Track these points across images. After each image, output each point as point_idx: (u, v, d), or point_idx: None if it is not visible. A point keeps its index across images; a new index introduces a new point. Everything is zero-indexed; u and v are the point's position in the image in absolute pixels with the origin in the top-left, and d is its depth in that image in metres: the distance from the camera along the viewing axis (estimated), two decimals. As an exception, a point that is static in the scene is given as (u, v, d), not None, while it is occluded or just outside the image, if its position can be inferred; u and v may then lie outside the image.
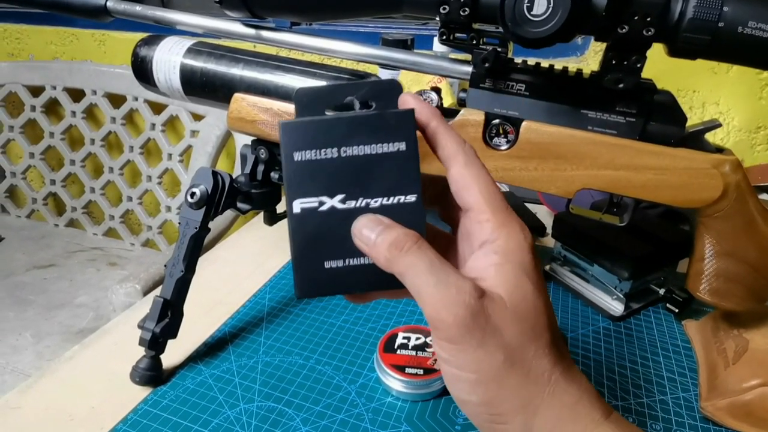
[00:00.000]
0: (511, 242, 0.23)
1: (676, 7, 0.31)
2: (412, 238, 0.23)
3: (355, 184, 0.24)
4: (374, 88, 0.25)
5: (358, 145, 0.24)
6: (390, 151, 0.24)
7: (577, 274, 0.55)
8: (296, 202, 0.24)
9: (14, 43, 1.38)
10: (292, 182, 0.24)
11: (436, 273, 0.22)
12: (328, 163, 0.24)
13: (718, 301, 0.39)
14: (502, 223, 0.23)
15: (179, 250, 0.42)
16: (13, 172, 1.38)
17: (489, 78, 0.37)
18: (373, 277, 0.24)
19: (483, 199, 0.23)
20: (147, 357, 0.41)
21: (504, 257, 0.23)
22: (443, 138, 0.25)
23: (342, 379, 0.43)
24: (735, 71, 0.84)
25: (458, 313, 0.21)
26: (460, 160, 0.24)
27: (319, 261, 0.24)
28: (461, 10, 0.34)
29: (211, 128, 1.17)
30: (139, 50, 0.47)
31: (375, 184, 0.24)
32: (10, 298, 1.06)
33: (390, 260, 0.23)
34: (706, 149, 0.36)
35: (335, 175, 0.24)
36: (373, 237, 0.23)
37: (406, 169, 0.24)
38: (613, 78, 0.34)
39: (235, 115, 0.44)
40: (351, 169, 0.24)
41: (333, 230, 0.24)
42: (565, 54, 0.94)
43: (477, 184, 0.24)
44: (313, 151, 0.24)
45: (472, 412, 0.23)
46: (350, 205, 0.24)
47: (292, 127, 0.24)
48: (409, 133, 0.24)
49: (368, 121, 0.24)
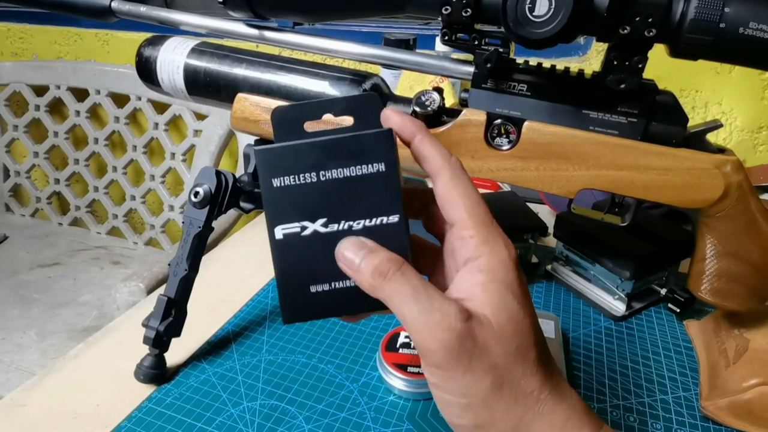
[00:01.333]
0: (494, 259, 0.23)
1: (678, 7, 0.31)
2: (395, 263, 0.23)
3: (336, 207, 0.23)
4: (352, 104, 0.25)
5: (337, 168, 0.23)
6: (370, 173, 0.23)
7: (579, 273, 0.55)
8: (278, 229, 0.24)
9: (18, 43, 1.39)
10: (273, 209, 0.23)
11: (420, 300, 0.22)
12: (307, 188, 0.23)
13: (719, 301, 0.39)
14: (486, 240, 0.23)
15: (183, 249, 0.42)
16: (18, 171, 1.39)
17: (491, 78, 0.38)
18: (360, 299, 0.24)
19: (467, 215, 0.23)
20: (151, 355, 0.42)
21: (488, 275, 0.23)
22: (429, 152, 0.24)
23: (344, 377, 0.43)
24: (737, 71, 0.84)
25: (444, 339, 0.21)
26: (446, 174, 0.24)
27: (305, 286, 0.24)
28: (463, 10, 0.34)
29: (214, 127, 1.18)
30: (143, 50, 0.47)
31: (357, 207, 0.23)
32: (15, 296, 1.07)
33: (374, 287, 0.23)
34: (707, 149, 0.36)
35: (316, 199, 0.23)
36: (357, 261, 0.23)
37: (387, 190, 0.23)
38: (615, 78, 0.34)
39: (238, 115, 0.44)
40: (331, 193, 0.23)
41: (317, 255, 0.24)
42: (567, 54, 0.94)
43: (462, 200, 0.23)
44: (292, 177, 0.23)
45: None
46: (333, 229, 0.24)
47: (268, 154, 0.23)
48: (389, 153, 0.23)
49: (346, 143, 0.23)
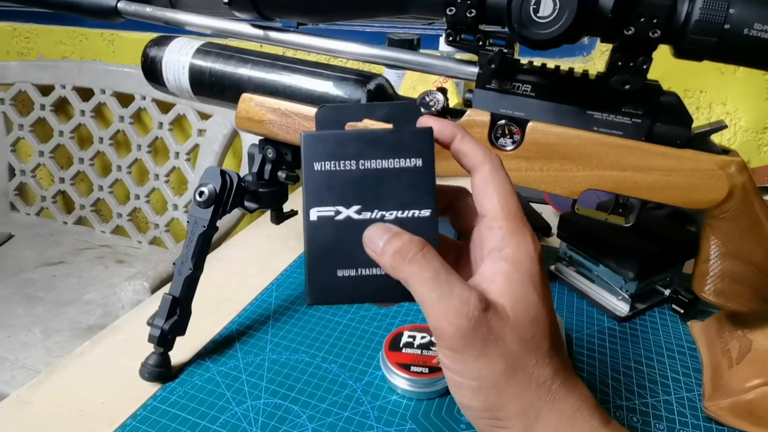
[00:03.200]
0: (520, 251, 0.23)
1: (683, 8, 0.31)
2: (417, 245, 0.23)
3: (371, 196, 0.24)
4: (393, 110, 0.26)
5: (377, 159, 0.24)
6: (407, 167, 0.24)
7: (583, 274, 0.55)
8: (313, 210, 0.24)
9: (24, 43, 1.40)
10: (311, 191, 0.24)
11: (440, 284, 0.22)
12: (346, 175, 0.24)
13: (723, 302, 0.39)
14: (514, 232, 0.24)
15: (188, 249, 0.42)
16: (23, 170, 1.40)
17: (495, 79, 0.38)
18: (384, 288, 0.25)
19: (499, 206, 0.24)
20: (156, 354, 0.42)
21: (512, 266, 0.23)
22: (469, 148, 0.25)
23: (348, 377, 0.43)
24: (742, 72, 0.84)
25: (460, 324, 0.22)
26: (486, 167, 0.25)
27: (332, 269, 0.25)
28: (468, 11, 0.34)
29: (218, 127, 1.18)
30: (149, 51, 0.47)
31: (391, 198, 0.24)
32: (20, 294, 1.08)
33: (395, 267, 0.23)
34: (712, 150, 0.36)
35: (352, 186, 0.24)
36: (380, 244, 0.23)
37: (422, 185, 0.24)
38: (619, 79, 0.34)
39: (243, 115, 0.44)
40: (368, 182, 0.24)
41: (347, 240, 0.24)
42: (572, 54, 0.94)
43: (496, 192, 0.24)
44: (333, 162, 0.24)
45: (474, 416, 0.24)
46: (365, 216, 0.24)
47: (313, 138, 0.24)
48: (427, 150, 0.24)
49: (388, 137, 0.25)
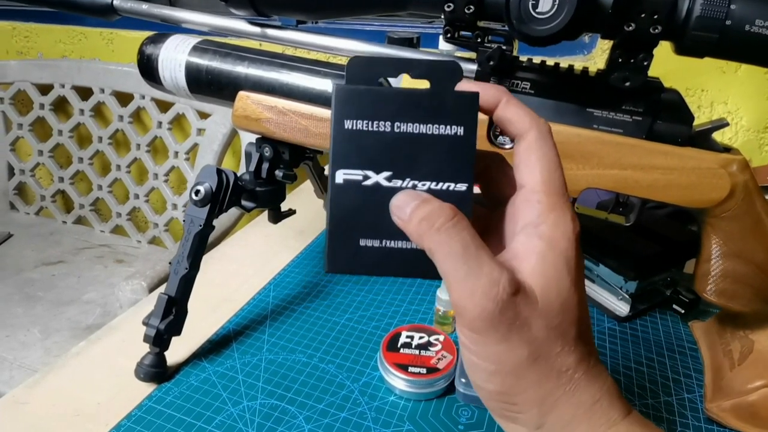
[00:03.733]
0: (557, 230, 0.21)
1: (684, 5, 0.30)
2: (447, 213, 0.21)
3: (404, 162, 0.22)
4: (432, 69, 0.24)
5: (414, 122, 0.22)
6: (447, 134, 0.22)
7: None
8: (340, 172, 0.22)
9: (23, 42, 1.39)
10: (339, 150, 0.22)
11: (469, 260, 0.20)
12: (379, 137, 0.22)
13: (724, 302, 0.38)
14: (553, 207, 0.22)
15: (184, 248, 0.42)
16: (22, 169, 1.40)
17: (494, 76, 0.37)
18: (409, 262, 0.23)
19: (542, 179, 0.22)
20: (151, 354, 0.41)
21: (548, 245, 0.21)
22: (516, 114, 0.23)
23: (345, 377, 0.43)
24: (743, 70, 0.83)
25: (486, 307, 0.20)
26: (533, 135, 0.22)
27: (355, 237, 0.23)
28: (466, 7, 0.33)
29: (218, 126, 1.18)
30: (145, 48, 0.47)
31: (425, 166, 0.22)
32: (19, 294, 1.07)
33: (421, 235, 0.21)
34: (713, 149, 0.36)
35: (385, 150, 0.22)
36: (408, 210, 0.21)
37: (460, 156, 0.22)
38: (619, 76, 0.34)
39: (240, 113, 0.44)
40: (402, 147, 0.22)
41: (373, 207, 0.22)
42: (572, 52, 0.93)
43: (540, 162, 0.22)
44: (366, 122, 0.22)
45: (487, 398, 0.22)
46: (396, 184, 0.22)
47: (347, 93, 0.22)
48: (471, 117, 0.22)
49: (429, 99, 0.22)
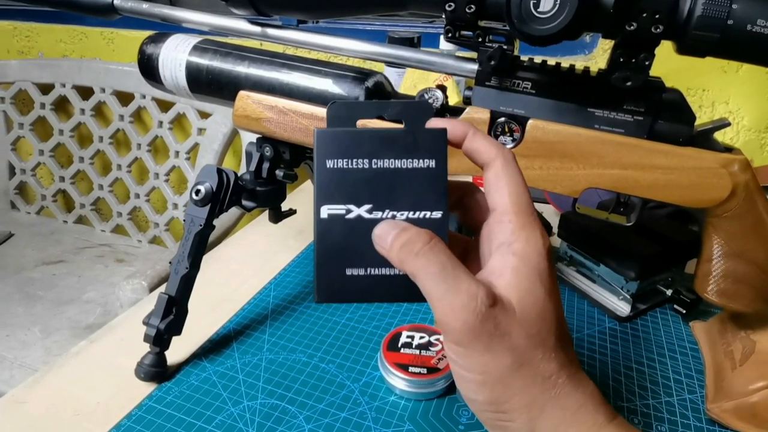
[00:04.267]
0: (529, 246, 0.23)
1: (685, 4, 0.30)
2: (424, 238, 0.23)
3: (383, 195, 0.24)
4: (406, 108, 0.26)
5: (390, 158, 0.24)
6: (420, 167, 0.24)
7: (584, 274, 0.55)
8: (324, 208, 0.24)
9: (24, 41, 1.40)
10: (322, 188, 0.24)
11: (447, 278, 0.22)
12: (358, 173, 0.24)
13: (725, 303, 0.38)
14: (523, 226, 0.24)
15: (184, 247, 0.42)
16: (23, 169, 1.40)
17: (495, 76, 0.37)
18: (394, 287, 0.25)
19: (510, 200, 0.24)
20: (152, 353, 0.41)
21: (521, 260, 0.23)
22: (482, 144, 0.25)
23: (345, 377, 0.43)
24: (745, 70, 0.83)
25: (467, 320, 0.22)
26: (499, 162, 0.25)
27: (341, 268, 0.25)
28: (467, 7, 0.33)
29: (218, 126, 1.18)
30: (145, 48, 0.47)
31: (402, 198, 0.24)
32: (20, 293, 1.07)
33: (402, 261, 0.23)
34: (714, 148, 0.36)
35: (365, 185, 0.24)
36: (389, 239, 0.23)
37: (434, 186, 0.24)
38: (620, 76, 0.34)
39: (240, 113, 0.44)
40: (380, 181, 0.24)
41: (357, 239, 0.24)
42: (573, 52, 0.93)
43: (508, 186, 0.24)
44: (346, 160, 0.24)
45: (478, 409, 0.24)
46: (376, 216, 0.24)
47: (327, 135, 0.24)
48: (441, 151, 0.25)
49: (402, 136, 0.25)
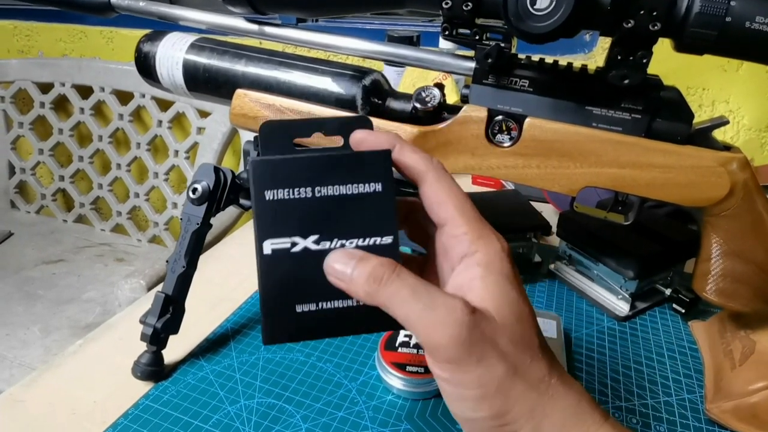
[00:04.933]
0: (490, 252, 0.23)
1: (683, 1, 0.30)
2: (389, 267, 0.22)
3: (329, 224, 0.23)
4: (344, 125, 0.25)
5: (334, 184, 0.23)
6: (366, 192, 0.23)
7: (582, 273, 0.55)
8: (267, 243, 0.23)
9: (24, 40, 1.40)
10: (263, 222, 0.23)
11: (421, 298, 0.22)
12: (301, 203, 0.23)
13: (724, 302, 0.38)
14: (480, 235, 0.23)
15: (181, 246, 0.42)
16: (23, 168, 1.40)
17: (492, 74, 0.37)
18: (349, 320, 0.23)
19: (457, 213, 0.23)
20: (148, 352, 0.41)
21: (486, 268, 0.23)
22: (410, 159, 0.24)
23: (343, 376, 0.42)
24: (745, 69, 0.83)
25: (453, 333, 0.21)
26: (431, 176, 0.24)
27: (290, 305, 0.23)
28: (464, 5, 0.33)
29: (218, 125, 1.18)
30: (142, 46, 0.47)
31: (350, 225, 0.23)
32: (20, 292, 1.08)
33: (370, 294, 0.22)
34: (713, 147, 0.36)
35: (309, 215, 0.23)
36: (348, 272, 0.22)
37: (382, 210, 0.23)
38: (618, 74, 0.33)
39: (237, 111, 0.43)
40: (326, 209, 0.23)
41: (305, 272, 0.23)
42: (573, 51, 0.93)
43: (450, 199, 0.24)
44: (286, 190, 0.23)
45: (480, 429, 0.23)
46: (324, 247, 0.23)
47: (263, 165, 0.23)
48: (386, 173, 0.23)
49: (345, 160, 0.23)
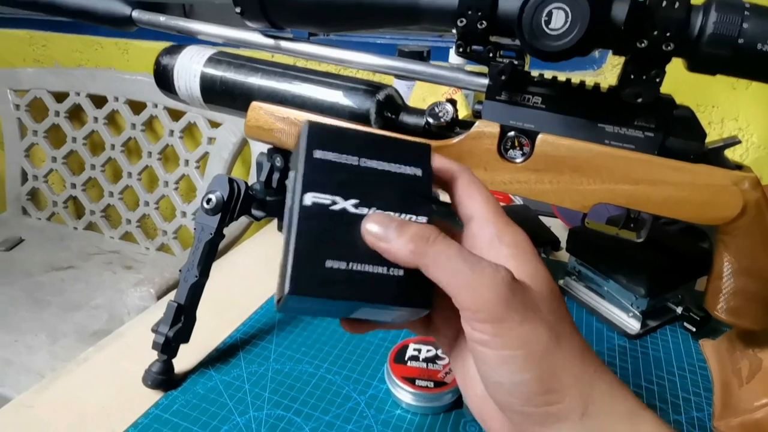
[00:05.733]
0: (518, 236, 0.24)
1: (696, 22, 0.30)
2: (434, 229, 0.23)
3: (370, 193, 0.24)
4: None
5: (378, 160, 0.25)
6: (407, 173, 0.25)
7: (593, 289, 0.55)
8: (309, 195, 0.23)
9: (41, 50, 1.42)
10: (309, 176, 0.23)
11: (467, 258, 0.22)
12: (346, 168, 0.24)
13: (735, 320, 0.38)
14: (506, 224, 0.25)
15: (194, 256, 0.42)
16: (36, 175, 1.41)
17: (505, 90, 0.37)
18: (375, 287, 0.23)
19: (487, 208, 0.25)
20: (159, 361, 0.42)
21: (516, 248, 0.24)
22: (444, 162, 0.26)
23: (352, 389, 0.42)
24: (754, 87, 0.83)
25: (498, 290, 0.21)
26: (465, 176, 0.26)
27: (321, 258, 0.23)
28: (479, 23, 0.34)
29: (228, 135, 1.19)
30: (161, 59, 0.48)
31: (389, 199, 0.24)
32: (29, 298, 1.08)
33: (415, 252, 0.22)
34: (726, 166, 0.36)
35: (352, 180, 0.24)
36: (391, 230, 0.23)
37: (420, 192, 0.25)
38: (631, 92, 0.34)
39: (252, 123, 0.44)
40: (368, 179, 0.24)
41: (341, 231, 0.23)
42: (582, 67, 0.93)
43: (480, 196, 0.25)
44: (335, 154, 0.24)
45: (524, 395, 0.22)
46: (362, 212, 0.24)
47: (318, 127, 0.24)
48: (426, 162, 0.25)
49: (390, 143, 0.25)
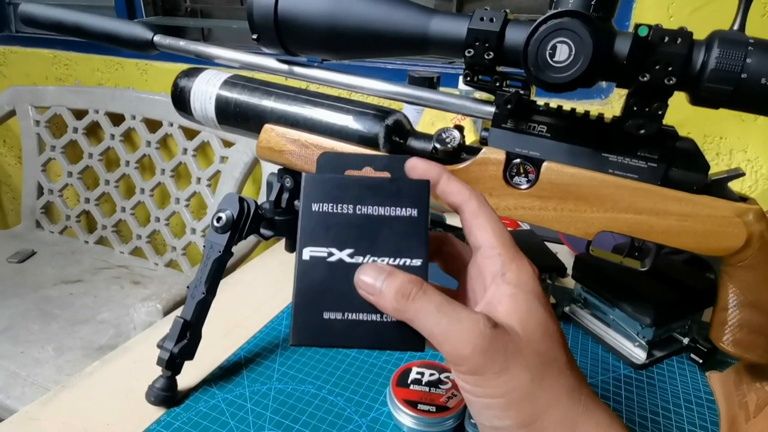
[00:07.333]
0: (521, 273, 0.24)
1: (699, 57, 0.31)
2: (416, 284, 0.24)
3: (365, 241, 0.25)
4: (392, 162, 0.28)
5: (374, 205, 0.25)
6: (402, 215, 0.25)
7: (598, 317, 0.54)
8: (306, 249, 0.25)
9: (63, 69, 1.47)
10: (306, 230, 0.25)
11: (447, 312, 0.23)
12: (342, 218, 0.25)
13: (741, 353, 0.37)
14: (513, 257, 0.25)
15: (202, 273, 0.43)
16: (51, 189, 1.44)
17: (511, 119, 0.38)
18: (370, 334, 0.25)
19: (494, 236, 0.25)
20: (163, 377, 0.42)
21: (516, 287, 0.24)
22: (455, 187, 0.26)
23: (353, 411, 0.42)
24: (763, 119, 0.83)
25: (476, 343, 0.22)
26: (474, 203, 0.26)
27: (319, 310, 0.25)
28: (486, 53, 0.35)
29: (240, 155, 1.21)
30: (179, 81, 0.49)
31: (384, 244, 0.25)
32: (37, 310, 1.09)
33: (398, 308, 0.23)
34: (729, 197, 0.36)
35: (348, 229, 0.25)
36: (378, 285, 0.24)
37: (415, 234, 0.25)
38: (634, 124, 0.34)
39: (264, 145, 0.45)
40: (363, 227, 0.25)
41: (337, 282, 0.25)
42: (589, 97, 0.94)
43: (489, 223, 0.25)
44: (331, 204, 0.25)
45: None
46: (357, 260, 0.25)
47: (315, 179, 0.26)
48: (423, 201, 0.26)
49: (386, 185, 0.26)
